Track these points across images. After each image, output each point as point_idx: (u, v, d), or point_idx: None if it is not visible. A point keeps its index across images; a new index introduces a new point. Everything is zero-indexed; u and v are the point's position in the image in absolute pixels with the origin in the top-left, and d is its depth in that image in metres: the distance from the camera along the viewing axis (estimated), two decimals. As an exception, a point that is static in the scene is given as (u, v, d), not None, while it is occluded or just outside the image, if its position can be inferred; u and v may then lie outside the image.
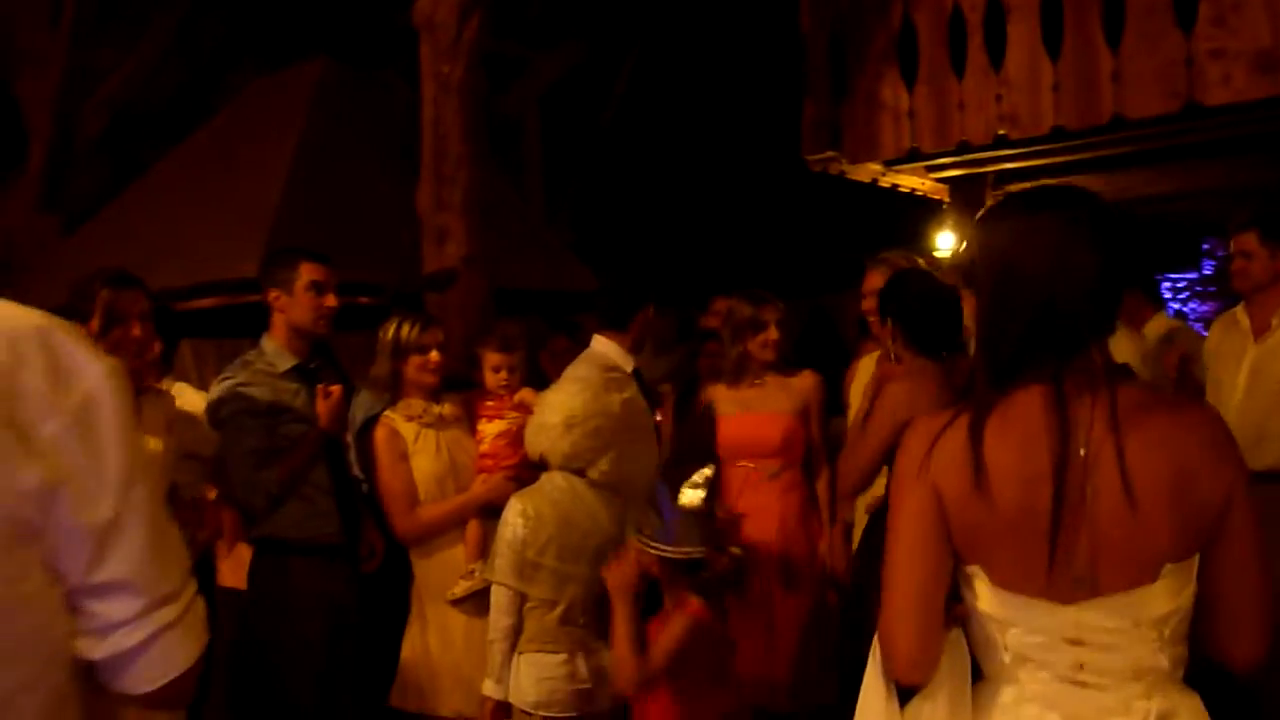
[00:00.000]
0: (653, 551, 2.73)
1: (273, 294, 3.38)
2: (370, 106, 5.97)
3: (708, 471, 2.71)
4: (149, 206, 6.43)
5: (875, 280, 3.89)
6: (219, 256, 5.02)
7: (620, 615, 2.75)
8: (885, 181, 7.72)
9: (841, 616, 3.71)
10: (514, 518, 3.10)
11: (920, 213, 8.81)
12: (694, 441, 2.72)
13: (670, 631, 2.73)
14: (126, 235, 6.24)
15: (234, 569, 3.64)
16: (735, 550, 2.71)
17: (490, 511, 3.39)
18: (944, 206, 8.19)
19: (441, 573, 3.54)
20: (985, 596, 1.60)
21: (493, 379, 3.72)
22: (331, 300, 3.39)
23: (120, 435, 1.13)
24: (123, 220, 6.55)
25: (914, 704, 1.66)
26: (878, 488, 3.47)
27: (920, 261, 4.16)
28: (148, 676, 1.18)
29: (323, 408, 3.31)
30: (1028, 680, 1.60)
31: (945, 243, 8.36)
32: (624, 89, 9.53)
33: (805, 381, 4.23)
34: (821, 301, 8.67)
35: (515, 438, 3.56)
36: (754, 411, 4.22)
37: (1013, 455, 1.55)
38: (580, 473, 3.16)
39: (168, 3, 8.83)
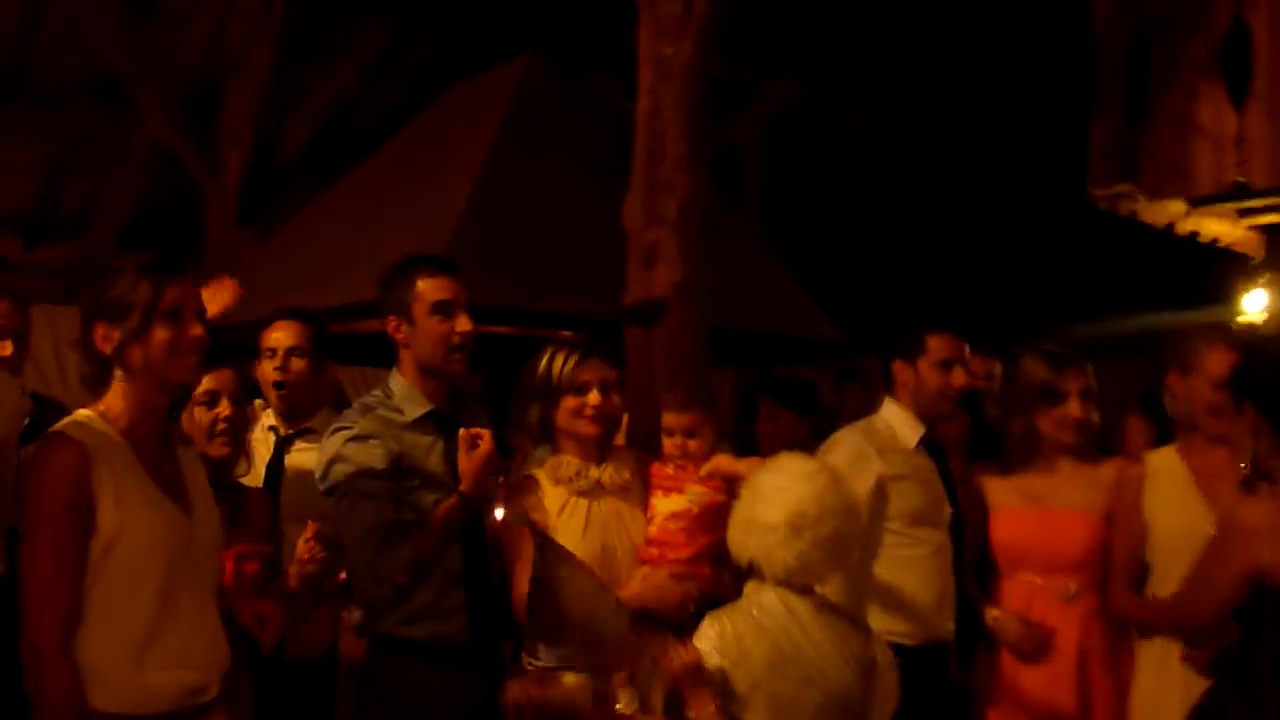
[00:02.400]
0: None
1: (392, 322, 2.77)
2: (577, 109, 5.23)
3: None
4: (334, 219, 5.88)
5: (1221, 361, 3.06)
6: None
7: None
8: (1184, 227, 6.44)
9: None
10: (706, 651, 2.46)
11: (1214, 266, 7.45)
12: None
13: None
14: (308, 248, 5.70)
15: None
16: None
17: (651, 619, 2.77)
18: (1253, 262, 6.83)
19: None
20: None
21: (666, 443, 3.03)
22: (464, 324, 2.73)
23: None
24: (306, 233, 6.03)
25: None
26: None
27: None
28: None
29: (466, 465, 2.60)
30: None
31: (1255, 304, 6.91)
32: (860, 117, 8.49)
33: (1115, 473, 3.31)
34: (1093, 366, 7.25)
35: (696, 521, 2.91)
36: (1044, 507, 3.34)
37: None
38: (805, 590, 2.50)
39: (378, 19, 8.44)
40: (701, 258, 3.71)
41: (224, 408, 2.69)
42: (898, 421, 3.41)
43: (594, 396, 2.84)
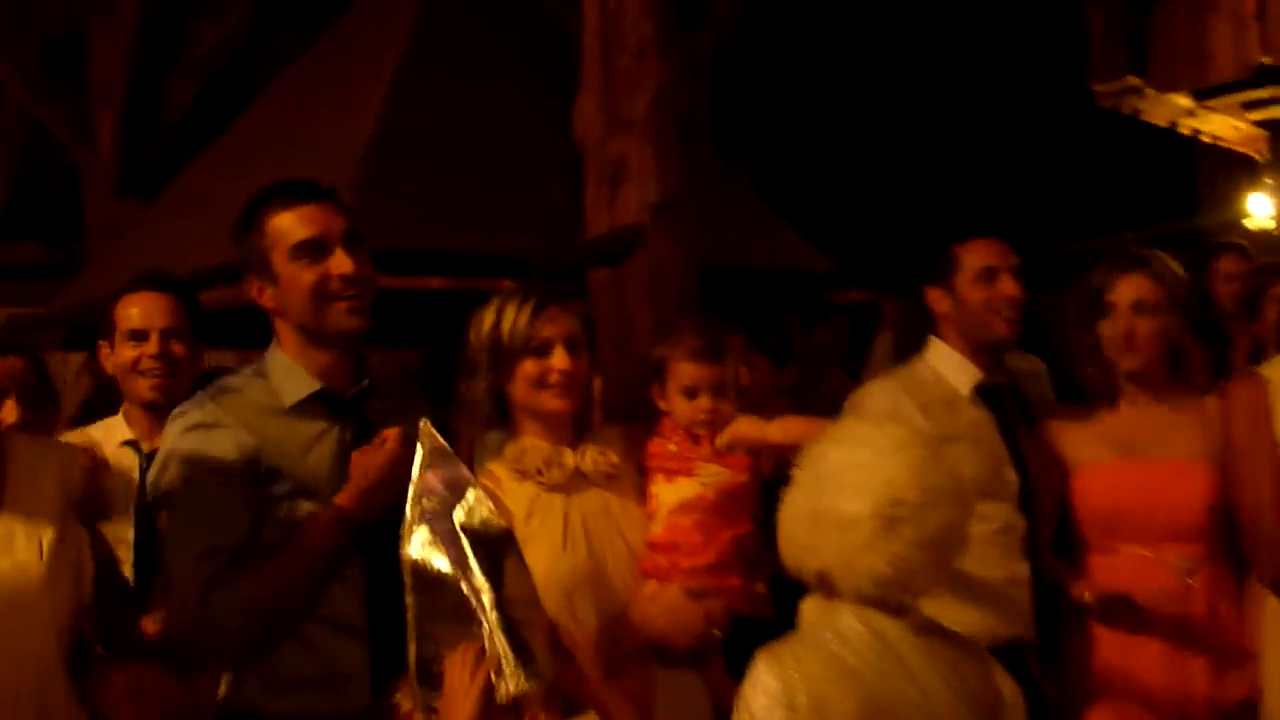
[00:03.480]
0: None
1: (253, 285, 2.05)
2: (498, 10, 4.29)
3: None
4: (221, 172, 4.95)
5: None
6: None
7: None
8: (1186, 126, 5.83)
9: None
10: (767, 707, 1.77)
11: (1208, 169, 6.89)
12: None
13: None
14: (190, 209, 4.78)
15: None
16: None
17: (667, 657, 2.19)
18: (1260, 163, 6.27)
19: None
20: None
21: (685, 407, 2.34)
22: (342, 263, 1.99)
23: None
24: (190, 193, 5.10)
25: None
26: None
27: None
28: None
29: (361, 465, 1.95)
30: None
31: (1261, 209, 6.36)
32: (814, 26, 7.67)
33: (1222, 401, 2.63)
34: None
35: (714, 512, 2.30)
36: (1145, 459, 2.64)
37: None
38: (900, 610, 1.82)
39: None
40: (683, 168, 2.88)
41: (7, 411, 2.07)
42: (945, 364, 2.74)
43: (559, 357, 2.18)
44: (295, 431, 2.01)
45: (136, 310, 2.53)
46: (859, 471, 1.79)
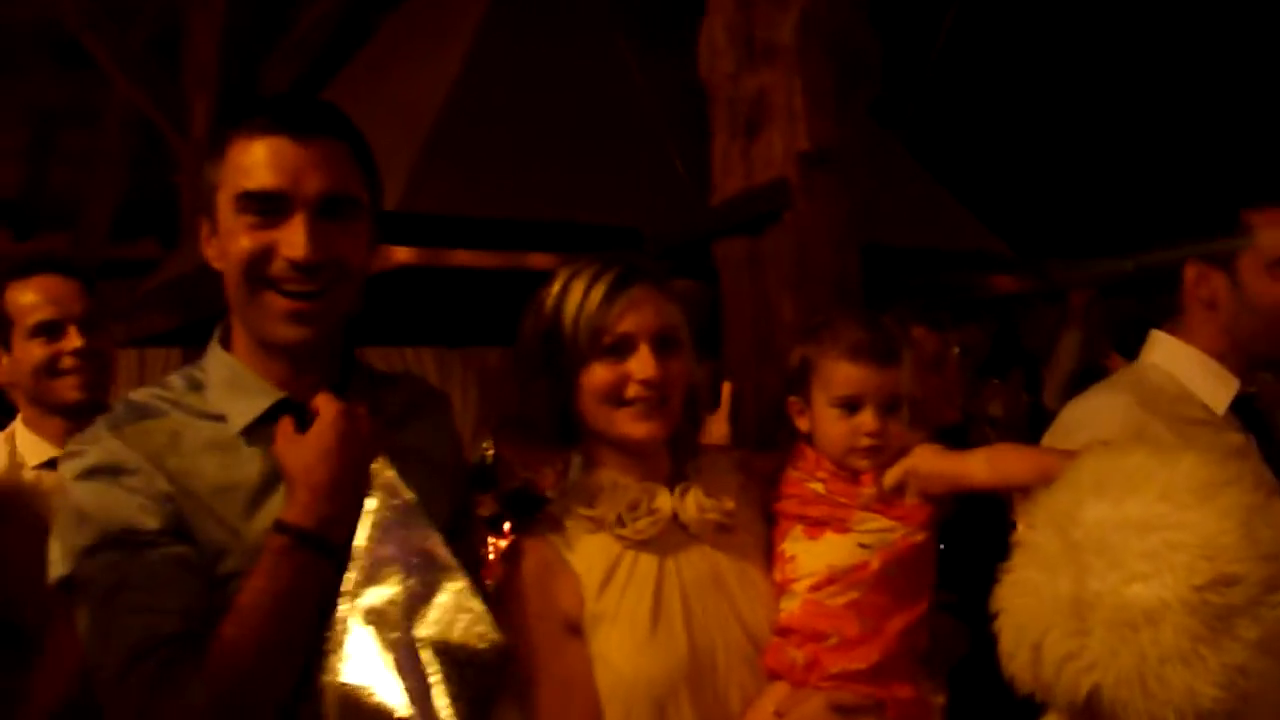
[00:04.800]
0: None
1: (203, 226, 1.54)
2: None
3: None
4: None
5: None
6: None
7: None
8: None
9: None
10: None
11: None
12: None
13: None
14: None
15: None
16: None
17: None
18: None
19: None
20: None
21: (839, 428, 1.76)
22: (296, 244, 1.42)
23: None
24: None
25: None
26: None
27: None
28: None
29: (299, 461, 1.38)
30: None
31: None
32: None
33: None
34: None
35: (878, 586, 1.69)
36: None
37: None
38: None
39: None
40: (842, 109, 2.19)
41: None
42: (1189, 371, 2.12)
43: (641, 361, 1.61)
44: (238, 474, 1.40)
45: (24, 294, 2.21)
46: (1151, 534, 1.18)
